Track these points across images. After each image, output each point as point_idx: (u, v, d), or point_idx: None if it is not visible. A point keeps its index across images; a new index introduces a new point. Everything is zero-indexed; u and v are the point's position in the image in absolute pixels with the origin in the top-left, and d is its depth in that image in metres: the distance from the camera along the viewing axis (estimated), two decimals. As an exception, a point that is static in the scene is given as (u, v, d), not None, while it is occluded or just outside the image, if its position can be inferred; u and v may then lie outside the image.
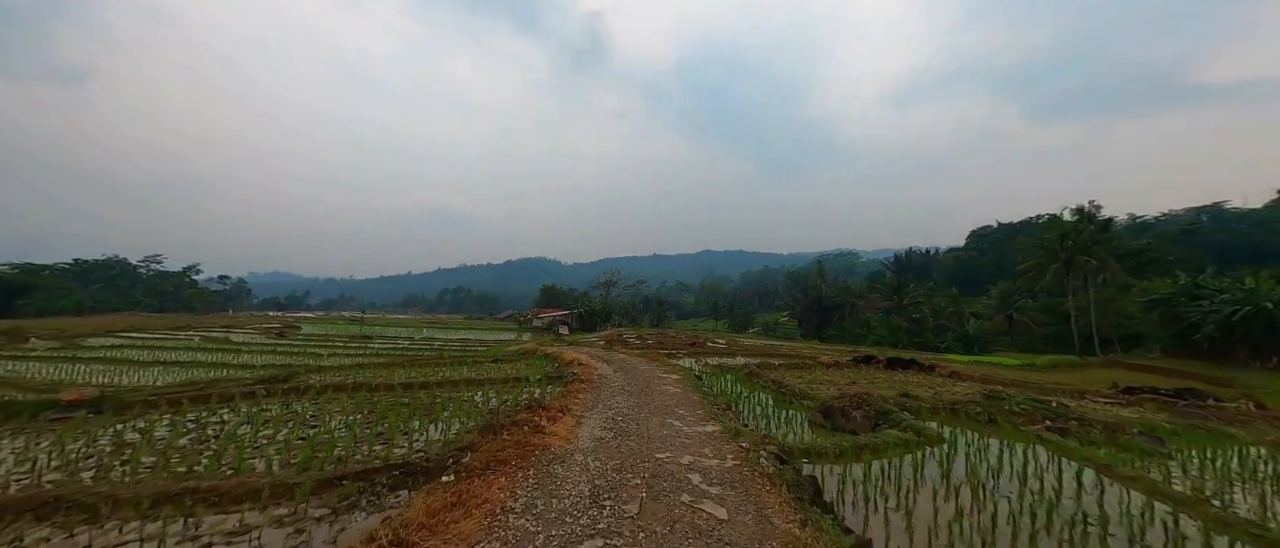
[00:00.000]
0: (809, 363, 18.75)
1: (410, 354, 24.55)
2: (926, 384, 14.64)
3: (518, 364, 16.02)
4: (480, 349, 29.42)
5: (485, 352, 24.48)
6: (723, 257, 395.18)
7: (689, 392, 11.36)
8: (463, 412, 9.71)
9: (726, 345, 28.84)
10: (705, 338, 34.44)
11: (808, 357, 21.30)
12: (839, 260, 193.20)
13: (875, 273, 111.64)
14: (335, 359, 21.98)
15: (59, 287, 73.22)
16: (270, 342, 31.99)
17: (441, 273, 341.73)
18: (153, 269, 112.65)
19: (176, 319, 50.78)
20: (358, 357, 22.98)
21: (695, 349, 23.11)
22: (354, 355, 23.86)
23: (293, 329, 49.60)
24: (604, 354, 18.25)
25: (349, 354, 24.41)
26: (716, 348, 25.38)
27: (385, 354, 24.57)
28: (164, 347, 25.23)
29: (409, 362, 18.46)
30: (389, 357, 22.46)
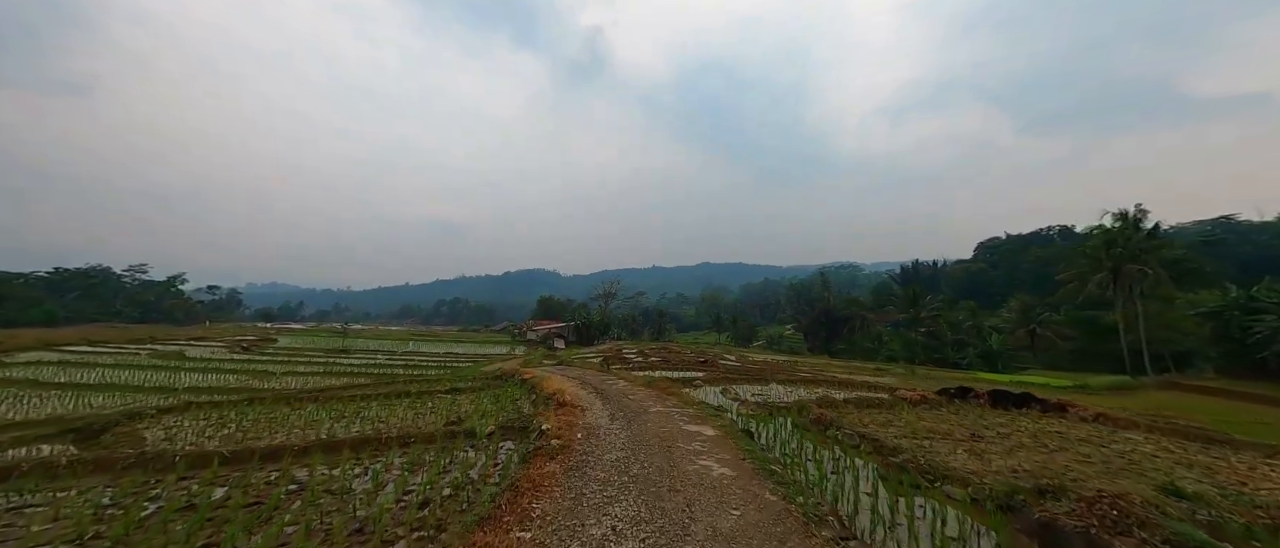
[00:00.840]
0: (881, 400, 12.89)
1: (373, 374, 21.38)
2: (1081, 435, 9.65)
3: (481, 398, 12.01)
4: (460, 366, 26.29)
5: (455, 372, 21.30)
6: (722, 268, 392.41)
7: (741, 464, 6.82)
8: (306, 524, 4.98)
9: (738, 362, 25.65)
10: (715, 355, 31.26)
11: (878, 388, 16.10)
12: (840, 273, 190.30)
13: (881, 285, 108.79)
14: (275, 381, 18.80)
15: (29, 297, 69.85)
16: (232, 357, 28.79)
17: (439, 284, 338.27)
18: (137, 279, 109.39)
19: (145, 331, 47.44)
20: (294, 373, 19.78)
21: (708, 370, 19.77)
22: (303, 374, 20.65)
23: (268, 342, 46.32)
24: (599, 379, 15.14)
25: (296, 373, 21.18)
26: (730, 367, 22.13)
27: (340, 372, 21.37)
28: (97, 363, 22.01)
29: (330, 395, 13.91)
30: (339, 375, 19.30)
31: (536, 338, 53.99)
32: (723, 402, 11.97)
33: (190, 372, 20.65)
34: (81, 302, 79.14)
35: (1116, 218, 37.58)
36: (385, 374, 21.48)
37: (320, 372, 21.68)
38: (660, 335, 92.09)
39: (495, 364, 23.22)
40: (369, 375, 21.07)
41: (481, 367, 23.01)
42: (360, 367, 25.19)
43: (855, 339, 64.81)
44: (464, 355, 39.74)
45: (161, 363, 23.08)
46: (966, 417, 11.20)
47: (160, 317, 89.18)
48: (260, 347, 39.60)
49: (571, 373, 16.69)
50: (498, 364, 22.83)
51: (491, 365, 22.54)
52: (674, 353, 30.92)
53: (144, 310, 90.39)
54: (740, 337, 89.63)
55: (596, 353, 31.34)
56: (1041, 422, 11.04)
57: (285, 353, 33.67)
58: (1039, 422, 11.02)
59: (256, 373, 20.64)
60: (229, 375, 19.96)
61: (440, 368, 26.03)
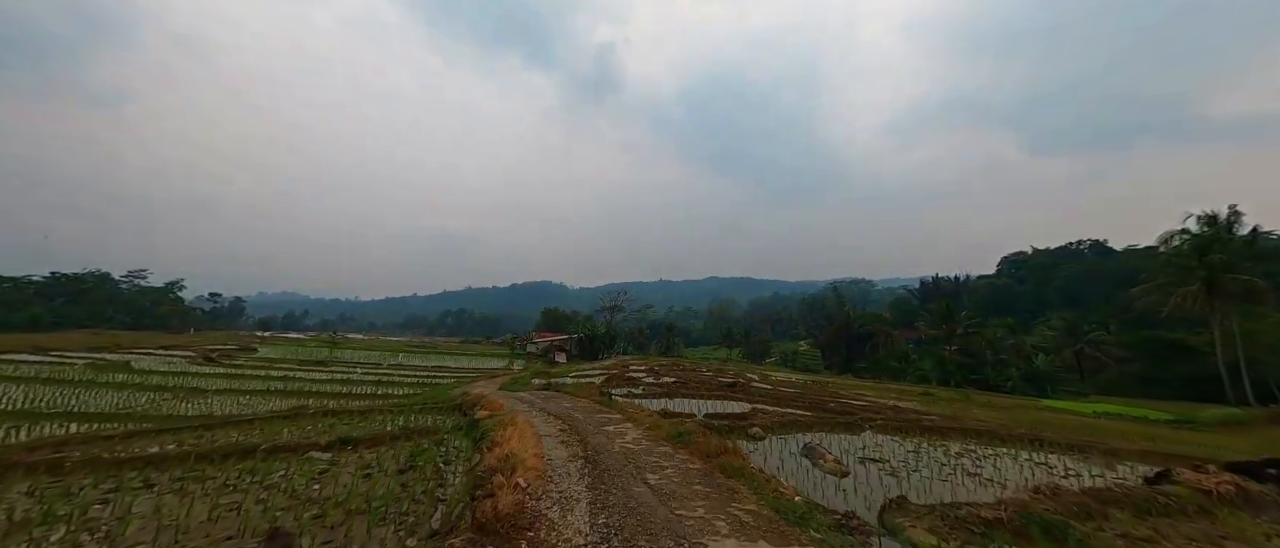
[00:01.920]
0: (1161, 501, 5.96)
1: (327, 393, 17.70)
2: None
3: (393, 453, 7.21)
4: (442, 382, 22.50)
5: (429, 392, 17.54)
6: (730, 283, 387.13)
7: None
8: None
9: (768, 385, 21.59)
10: (736, 373, 27.15)
11: (1013, 438, 10.03)
12: (852, 288, 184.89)
13: (899, 300, 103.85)
14: (201, 404, 15.18)
15: (17, 300, 67.46)
16: (187, 369, 25.35)
17: (446, 295, 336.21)
18: (136, 284, 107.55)
19: (112, 337, 44.35)
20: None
21: (740, 397, 15.26)
22: (247, 392, 17.00)
23: (246, 352, 43.02)
24: (594, 418, 10.01)
25: (242, 391, 17.52)
26: (763, 391, 17.90)
27: (293, 390, 17.70)
28: (11, 376, 18.53)
29: None
30: (288, 395, 15.60)
31: (536, 351, 50.20)
32: (817, 470, 6.99)
33: (111, 389, 17.10)
34: (71, 306, 76.71)
35: (1204, 221, 32.64)
36: (341, 394, 17.80)
37: (265, 389, 18.02)
38: (669, 350, 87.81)
39: (477, 385, 19.42)
40: (321, 395, 17.40)
41: (451, 389, 19.15)
42: (322, 383, 21.54)
43: (879, 357, 60.23)
44: (454, 370, 36.04)
45: (88, 376, 19.59)
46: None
47: (154, 323, 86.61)
48: (230, 357, 36.23)
49: (558, 405, 12.01)
50: (480, 387, 19.02)
51: (475, 386, 18.68)
52: (689, 371, 26.90)
53: (137, 316, 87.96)
54: (752, 352, 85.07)
55: (600, 370, 27.46)
56: None
57: (253, 364, 30.22)
58: None
59: (188, 390, 17.02)
60: (152, 394, 16.37)
61: (417, 386, 22.31)
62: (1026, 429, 12.31)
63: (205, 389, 17.08)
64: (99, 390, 15.99)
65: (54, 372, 20.14)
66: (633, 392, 14.83)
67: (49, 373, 19.42)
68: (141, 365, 25.68)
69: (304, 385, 19.24)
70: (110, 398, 15.12)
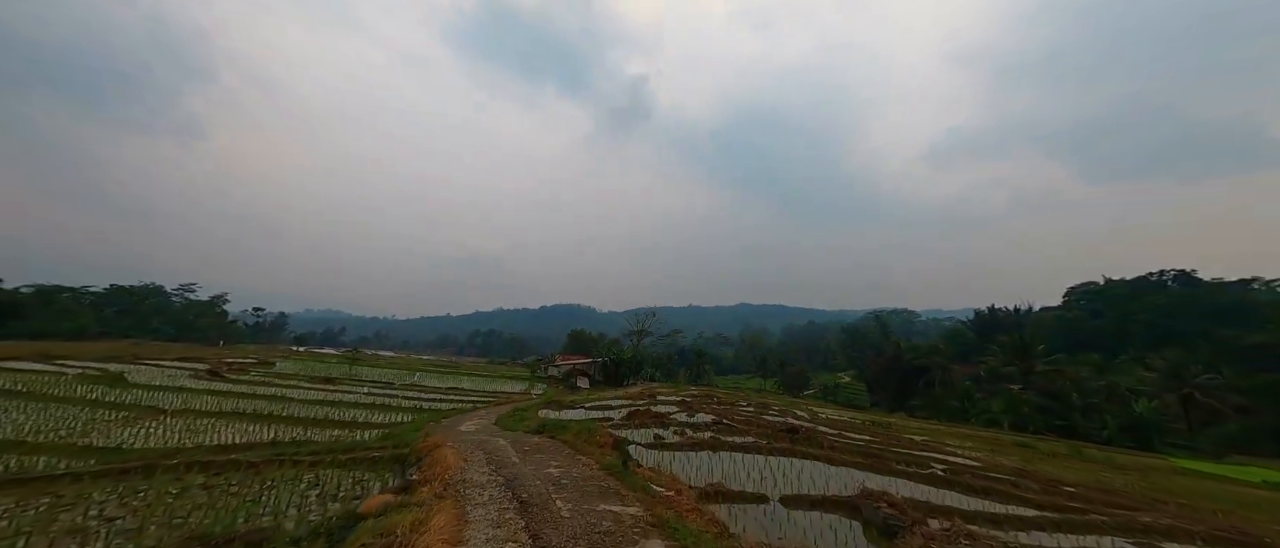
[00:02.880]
0: None
1: (306, 419, 15.05)
2: None
3: None
4: (448, 406, 19.59)
5: (420, 417, 14.57)
6: (761, 310, 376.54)
7: None
8: None
9: (832, 429, 17.58)
10: (785, 409, 23.07)
11: None
12: (894, 318, 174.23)
13: (952, 332, 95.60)
14: (154, 429, 12.74)
15: (70, 309, 70.32)
16: (182, 384, 23.59)
17: (478, 315, 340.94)
18: (185, 298, 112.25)
19: (142, 347, 44.30)
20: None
21: (809, 449, 11.27)
22: (219, 416, 14.53)
23: (264, 366, 41.85)
24: (594, 512, 6.01)
25: (212, 415, 15.09)
26: (836, 442, 13.78)
27: (270, 416, 15.15)
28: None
29: None
30: (267, 420, 12.98)
31: (558, 375, 47.15)
32: None
33: (53, 402, 15.04)
34: (121, 317, 79.69)
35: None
36: (319, 420, 15.14)
37: (237, 411, 15.56)
38: (698, 377, 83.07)
39: (468, 419, 16.38)
40: (298, 420, 14.78)
41: (440, 417, 16.10)
42: (312, 404, 19.06)
43: (935, 395, 53.98)
44: (467, 392, 33.34)
45: (65, 392, 17.78)
46: None
47: (195, 336, 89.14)
48: (243, 371, 34.84)
49: (544, 468, 8.01)
50: (470, 420, 15.96)
51: (466, 420, 15.59)
52: (727, 405, 23.07)
53: (182, 328, 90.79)
54: (789, 384, 79.17)
55: (623, 400, 24.01)
56: None
57: (257, 380, 28.41)
58: None
59: (145, 410, 14.74)
60: (105, 412, 14.15)
61: (413, 411, 19.52)
62: (1216, 513, 8.10)
63: (165, 408, 14.79)
64: (35, 407, 13.86)
65: (28, 383, 18.46)
66: (660, 437, 11.42)
67: (21, 384, 17.69)
68: (138, 378, 24.07)
69: (280, 410, 16.71)
70: (34, 420, 12.88)
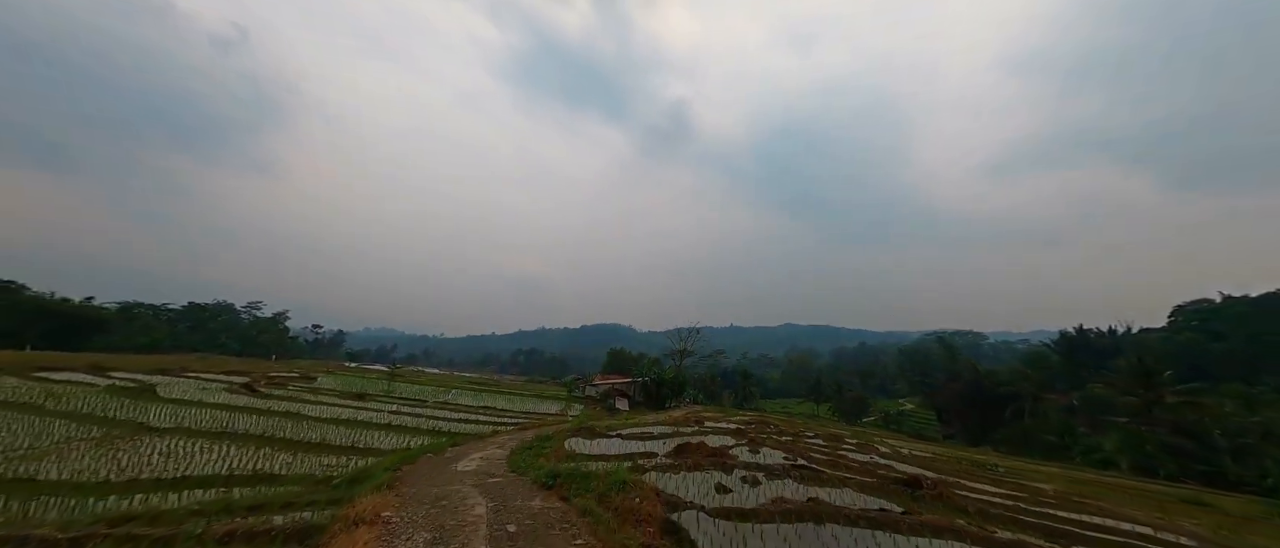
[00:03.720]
0: None
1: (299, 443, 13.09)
2: None
3: None
4: (465, 429, 17.37)
5: (414, 441, 12.20)
6: (807, 331, 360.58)
7: None
8: None
9: (927, 470, 13.79)
10: (868, 448, 19.10)
11: None
12: (958, 340, 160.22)
13: (1033, 355, 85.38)
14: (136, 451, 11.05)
15: (148, 325, 75.33)
16: (208, 399, 22.77)
17: (521, 334, 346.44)
18: (253, 315, 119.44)
19: (190, 360, 45.68)
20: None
21: (952, 519, 7.68)
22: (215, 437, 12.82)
23: (305, 380, 41.81)
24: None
25: (192, 435, 13.41)
26: (975, 503, 10.04)
27: (278, 439, 13.30)
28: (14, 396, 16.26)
29: None
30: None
31: (595, 395, 44.52)
32: None
33: (63, 418, 13.87)
34: (191, 333, 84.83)
35: None
36: (326, 445, 13.16)
37: (245, 433, 13.89)
38: (745, 401, 78.02)
39: (470, 454, 13.88)
40: (303, 446, 12.86)
41: (441, 447, 13.66)
42: (325, 424, 17.31)
43: (1026, 427, 46.97)
44: (499, 412, 31.32)
45: (82, 404, 16.93)
46: None
47: (257, 350, 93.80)
48: (282, 385, 34.54)
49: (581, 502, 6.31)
50: (470, 456, 13.43)
51: (466, 456, 13.05)
52: (793, 436, 19.44)
53: (246, 343, 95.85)
54: (846, 410, 72.52)
55: (666, 426, 20.93)
56: None
57: (291, 395, 27.49)
58: None
59: (135, 428, 13.29)
60: (95, 427, 12.77)
61: (431, 434, 17.36)
62: None
63: (156, 426, 13.30)
64: (17, 420, 12.64)
65: (52, 393, 17.79)
66: (724, 486, 8.33)
67: (37, 395, 16.96)
68: (170, 392, 23.43)
69: (282, 430, 14.91)
70: (27, 428, 11.50)
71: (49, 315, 55.63)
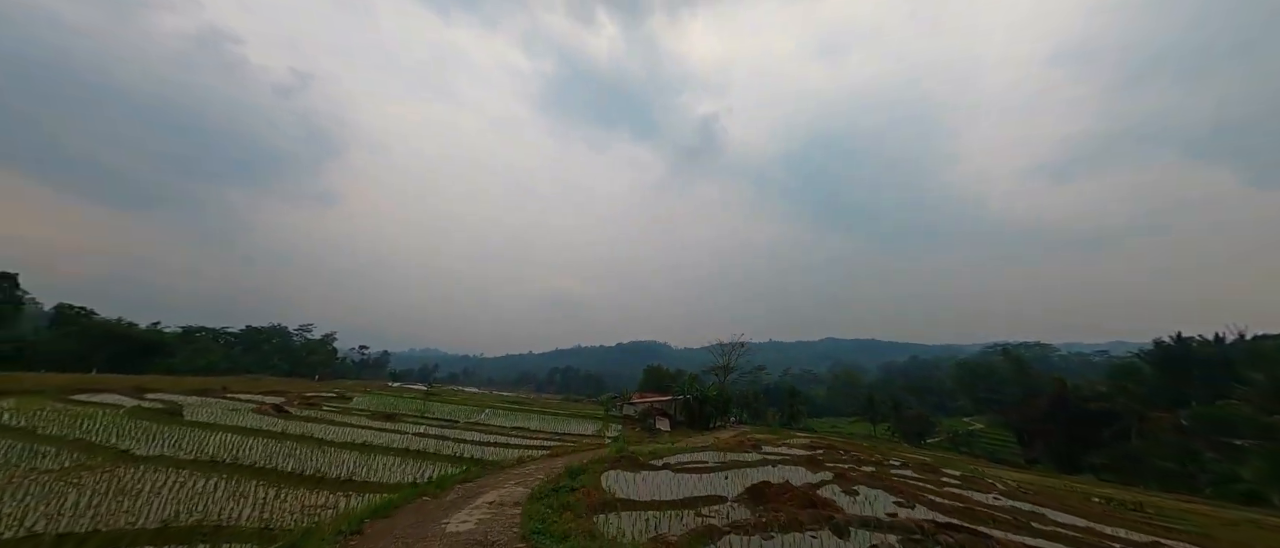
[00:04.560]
0: None
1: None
2: None
3: None
4: (486, 458, 15.29)
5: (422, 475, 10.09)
6: (849, 345, 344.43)
7: None
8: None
9: (1087, 528, 10.45)
10: (985, 485, 15.58)
11: None
12: (1025, 353, 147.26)
13: (1124, 368, 76.26)
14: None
15: (207, 348, 78.75)
16: (241, 421, 21.85)
17: (557, 353, 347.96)
18: (304, 337, 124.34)
19: (232, 381, 46.36)
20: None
21: None
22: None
23: (341, 400, 41.38)
24: None
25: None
26: None
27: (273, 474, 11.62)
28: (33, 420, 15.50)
29: None
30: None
31: (634, 414, 41.87)
32: None
33: (49, 442, 12.68)
34: (245, 355, 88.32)
35: None
36: (319, 475, 11.34)
37: (236, 462, 12.29)
38: (793, 420, 73.12)
39: (519, 473, 11.63)
40: (295, 480, 11.07)
41: (444, 487, 11.43)
42: (335, 447, 15.63)
43: (1130, 449, 40.72)
44: (533, 433, 29.24)
45: (100, 426, 15.99)
46: None
47: (305, 371, 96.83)
48: (315, 405, 33.90)
49: None
50: (511, 482, 11.17)
51: (476, 500, 10.78)
52: (877, 463, 16.24)
53: (295, 364, 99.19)
54: (907, 430, 66.45)
55: (719, 451, 18.11)
56: None
57: (320, 416, 26.48)
58: None
59: (116, 456, 11.89)
60: (74, 456, 11.42)
61: (453, 461, 15.34)
62: None
63: (142, 457, 11.87)
64: (13, 444, 11.42)
65: (70, 415, 16.99)
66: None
67: (47, 418, 16.12)
68: (197, 414, 22.67)
69: (286, 459, 13.23)
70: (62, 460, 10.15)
71: (116, 340, 58.72)
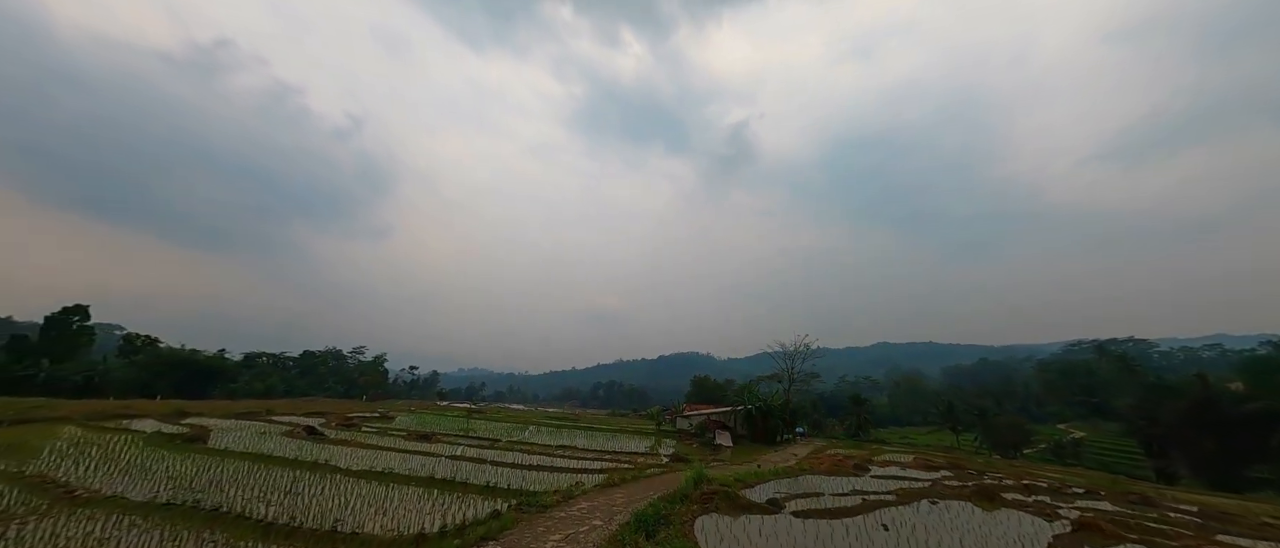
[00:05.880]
0: None
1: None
2: None
3: None
4: (531, 488, 12.33)
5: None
6: (904, 349, 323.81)
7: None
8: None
9: None
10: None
11: None
12: (1114, 349, 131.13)
13: (1256, 363, 65.00)
14: None
15: (262, 373, 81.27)
16: (265, 446, 20.00)
17: (600, 368, 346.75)
18: (357, 359, 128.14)
19: (277, 403, 46.10)
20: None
21: None
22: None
23: (384, 420, 39.86)
24: None
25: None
26: None
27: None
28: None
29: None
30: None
31: (690, 428, 37.97)
32: None
33: (7, 481, 10.55)
34: (300, 378, 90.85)
35: None
36: (303, 527, 8.58)
37: (221, 513, 9.77)
38: (859, 431, 66.57)
39: (555, 524, 8.24)
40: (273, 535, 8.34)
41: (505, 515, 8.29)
42: (360, 478, 12.96)
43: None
44: (584, 452, 26.08)
45: (101, 456, 14.13)
46: None
47: (358, 392, 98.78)
48: (354, 426, 32.25)
49: None
50: (559, 533, 7.81)
51: (538, 538, 7.57)
52: (1056, 489, 11.93)
53: (348, 386, 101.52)
54: (997, 440, 58.56)
55: (825, 474, 14.17)
56: None
57: (355, 438, 24.44)
58: None
59: (59, 494, 9.56)
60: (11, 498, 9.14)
61: (483, 493, 12.32)
62: None
63: (79, 491, 9.52)
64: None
65: (81, 442, 15.27)
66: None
67: (97, 441, 14.37)
68: (222, 441, 20.95)
69: (287, 498, 10.60)
70: None
71: (179, 366, 60.99)
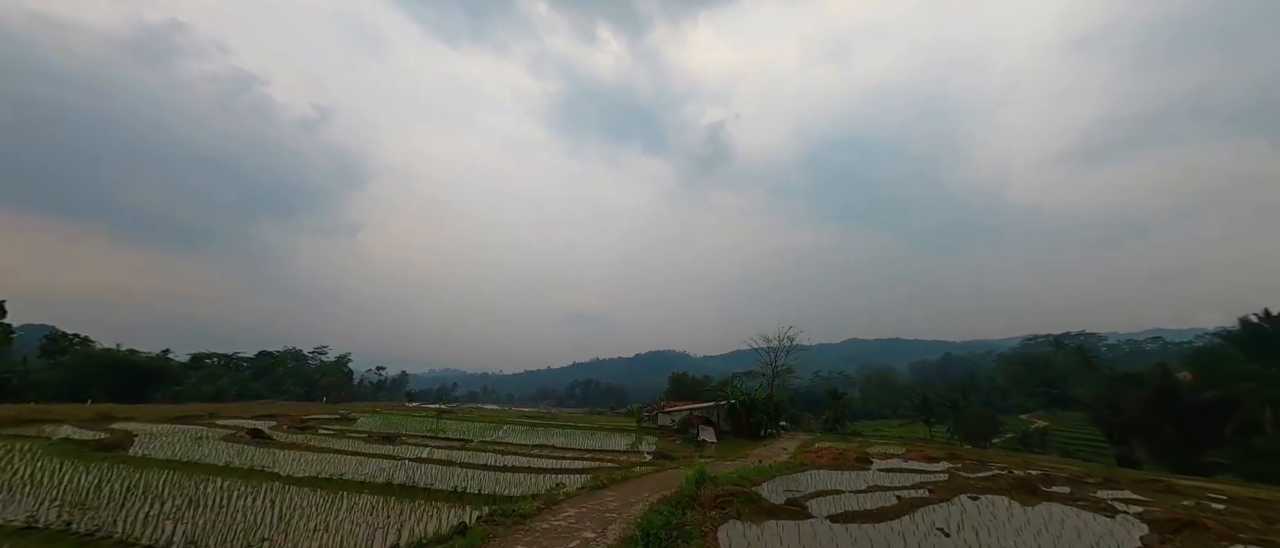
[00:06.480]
0: None
1: None
2: None
3: None
4: (510, 492, 10.83)
5: None
6: (874, 345, 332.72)
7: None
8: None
9: None
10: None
11: None
12: (1071, 343, 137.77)
13: (1205, 353, 68.63)
14: None
15: (211, 374, 75.96)
16: (190, 453, 17.65)
17: (576, 367, 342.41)
18: (319, 360, 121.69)
19: (222, 407, 42.74)
20: None
21: None
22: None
23: (345, 421, 37.13)
24: None
25: None
26: None
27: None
28: None
29: None
30: None
31: (672, 424, 36.80)
32: None
33: None
34: (255, 380, 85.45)
35: None
36: None
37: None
38: (837, 424, 67.07)
39: (562, 515, 6.69)
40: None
41: None
42: (300, 482, 11.08)
43: (1255, 447, 34.35)
44: (563, 451, 24.45)
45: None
46: None
47: (319, 394, 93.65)
48: (311, 429, 29.67)
49: None
50: (555, 520, 6.30)
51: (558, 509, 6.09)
52: (1076, 481, 11.15)
53: (309, 388, 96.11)
54: (969, 431, 59.86)
55: (826, 468, 13.10)
56: None
57: (314, 441, 22.16)
58: None
59: None
60: None
61: (448, 499, 10.67)
62: None
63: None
64: None
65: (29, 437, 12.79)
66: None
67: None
68: (147, 448, 18.48)
69: (166, 526, 8.75)
70: None
71: (113, 367, 55.88)
